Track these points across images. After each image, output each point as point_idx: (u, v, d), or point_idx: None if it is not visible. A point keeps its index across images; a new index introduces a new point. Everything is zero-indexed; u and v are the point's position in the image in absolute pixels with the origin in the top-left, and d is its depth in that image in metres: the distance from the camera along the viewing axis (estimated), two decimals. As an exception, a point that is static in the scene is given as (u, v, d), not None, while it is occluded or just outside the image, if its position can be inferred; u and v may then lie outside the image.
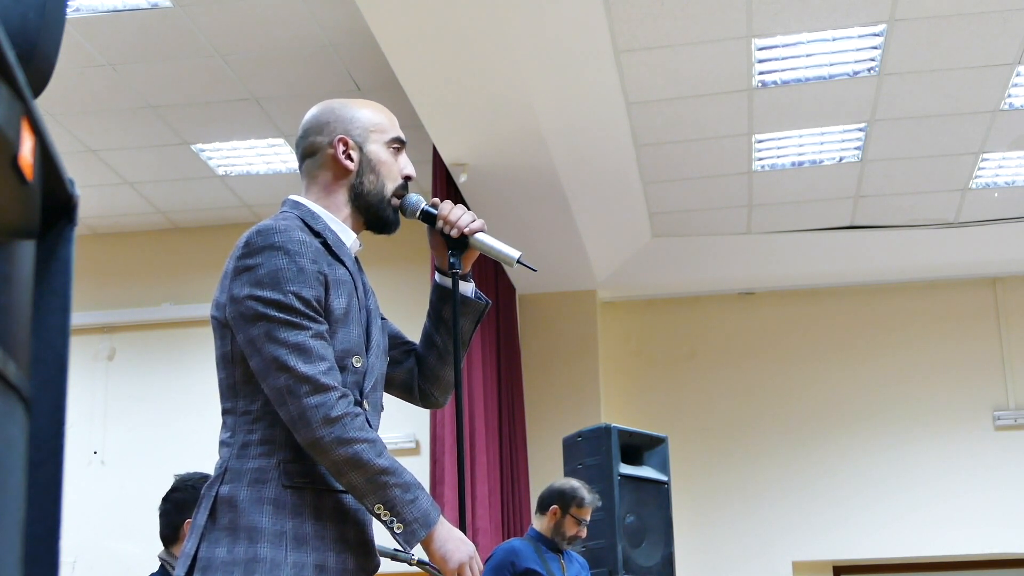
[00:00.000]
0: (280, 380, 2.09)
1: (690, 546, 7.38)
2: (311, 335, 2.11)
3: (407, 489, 2.12)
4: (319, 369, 2.09)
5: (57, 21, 0.92)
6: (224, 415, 2.25)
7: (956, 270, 7.95)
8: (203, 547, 2.09)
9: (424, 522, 2.12)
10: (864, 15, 5.46)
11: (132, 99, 6.28)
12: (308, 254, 2.18)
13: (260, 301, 2.12)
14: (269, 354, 2.10)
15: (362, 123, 2.35)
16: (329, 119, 2.36)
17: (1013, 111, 6.31)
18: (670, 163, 6.88)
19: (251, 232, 2.23)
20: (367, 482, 2.08)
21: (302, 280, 2.14)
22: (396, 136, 2.38)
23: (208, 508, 2.12)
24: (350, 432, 2.07)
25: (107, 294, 7.74)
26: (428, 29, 5.08)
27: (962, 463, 7.79)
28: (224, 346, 2.22)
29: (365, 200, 2.33)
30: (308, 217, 2.28)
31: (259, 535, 2.07)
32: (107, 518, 7.26)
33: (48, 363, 0.82)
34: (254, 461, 2.14)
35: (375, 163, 2.33)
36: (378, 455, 2.10)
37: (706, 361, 8.21)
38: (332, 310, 2.18)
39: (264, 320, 2.11)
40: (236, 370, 2.19)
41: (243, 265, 2.19)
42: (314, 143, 2.35)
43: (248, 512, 2.08)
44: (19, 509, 0.75)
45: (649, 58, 5.72)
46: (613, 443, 5.35)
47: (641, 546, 5.29)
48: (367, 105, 2.41)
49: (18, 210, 0.76)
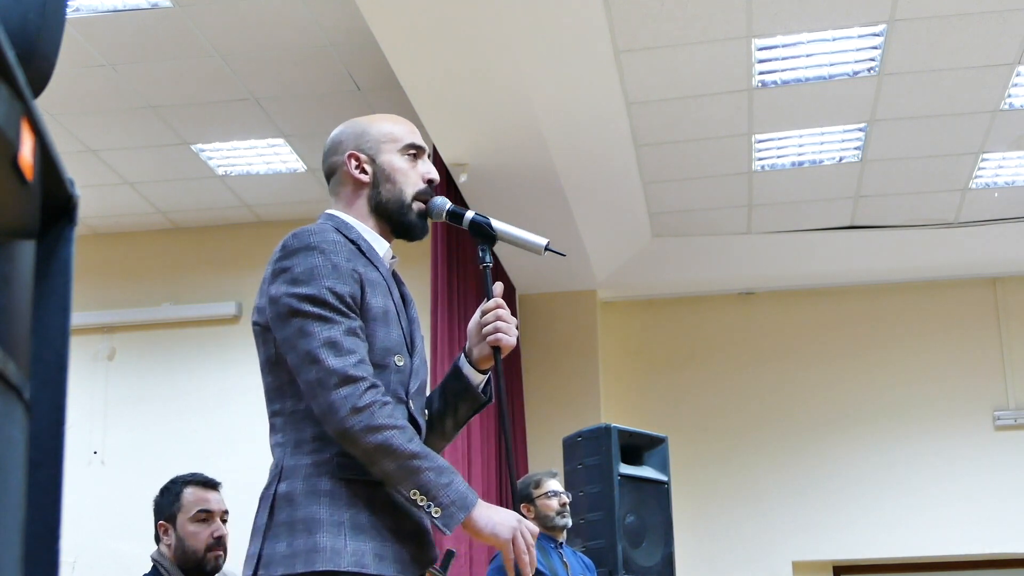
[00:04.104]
0: (311, 374, 2.11)
1: (690, 546, 7.38)
2: (342, 329, 2.14)
3: (441, 472, 2.11)
4: (349, 362, 2.11)
5: (57, 21, 0.92)
6: (273, 418, 2.27)
7: (956, 270, 7.95)
8: (265, 545, 2.11)
9: (462, 504, 2.11)
10: (864, 15, 5.46)
11: (132, 99, 6.28)
12: (343, 253, 2.22)
13: (295, 297, 2.16)
14: (302, 349, 2.13)
15: (373, 136, 2.40)
16: (342, 138, 2.43)
17: (1013, 111, 6.31)
18: (670, 163, 6.88)
19: (287, 237, 2.28)
20: (399, 468, 2.09)
21: (336, 276, 2.18)
22: (410, 143, 2.41)
23: (267, 508, 2.15)
24: (378, 419, 2.08)
25: (107, 294, 7.74)
26: (428, 29, 5.08)
27: (962, 463, 7.79)
28: (268, 350, 2.24)
29: (386, 208, 2.37)
30: (342, 227, 2.33)
31: (317, 526, 2.09)
32: (107, 518, 7.26)
33: (48, 363, 0.82)
34: (308, 457, 2.16)
35: (389, 172, 2.37)
36: (408, 440, 2.10)
37: (706, 361, 8.21)
38: (370, 307, 2.22)
39: (298, 316, 2.15)
40: (282, 372, 2.22)
41: (280, 267, 2.23)
42: (332, 163, 2.43)
43: (305, 505, 2.11)
44: (19, 509, 0.75)
45: (649, 58, 5.72)
46: (613, 443, 5.35)
47: (641, 546, 5.29)
48: (383, 119, 2.47)
49: (18, 210, 0.76)
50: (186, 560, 3.48)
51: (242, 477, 4.43)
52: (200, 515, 3.50)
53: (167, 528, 3.52)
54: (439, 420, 2.42)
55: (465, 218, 2.42)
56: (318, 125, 6.49)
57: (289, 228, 8.41)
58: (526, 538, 2.18)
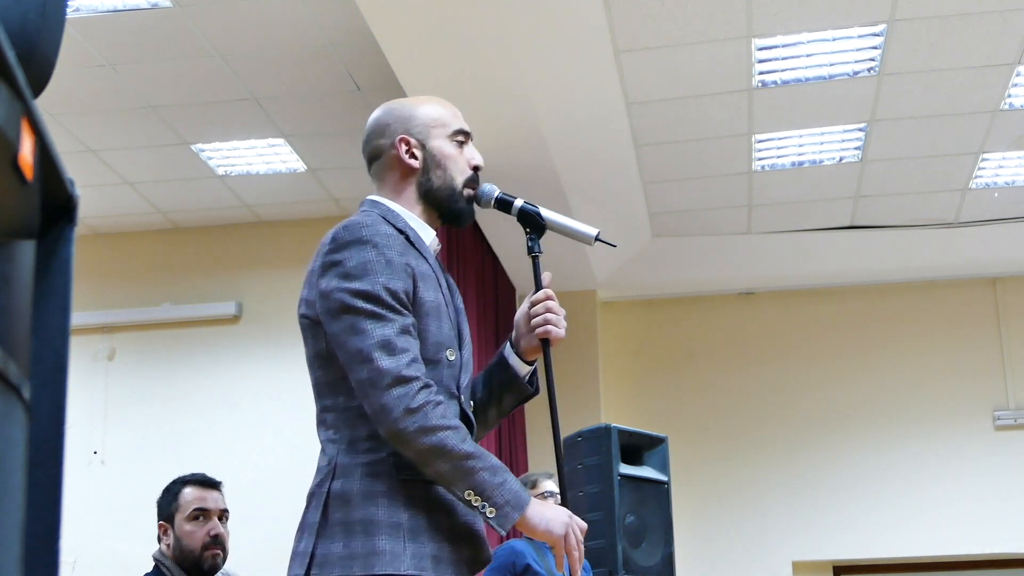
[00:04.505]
0: (363, 373, 2.08)
1: (690, 546, 7.38)
2: (396, 328, 2.11)
3: (495, 472, 2.10)
4: (402, 362, 2.08)
5: (57, 21, 0.92)
6: (324, 412, 2.22)
7: (956, 270, 7.95)
8: (319, 544, 2.09)
9: (516, 504, 2.10)
10: (864, 15, 5.46)
11: (132, 99, 6.28)
12: (395, 247, 2.18)
13: (348, 292, 2.12)
14: (353, 347, 2.10)
15: (422, 120, 2.36)
16: (389, 120, 2.37)
17: (1013, 111, 6.31)
18: (670, 163, 6.88)
19: (337, 228, 2.22)
20: (454, 469, 2.07)
21: (390, 272, 2.14)
22: (459, 128, 2.38)
23: (321, 505, 2.12)
24: (432, 420, 2.06)
25: (107, 294, 7.73)
26: (428, 29, 5.08)
27: (962, 463, 7.79)
28: (318, 345, 2.20)
29: (435, 196, 2.33)
30: (388, 215, 2.28)
31: (376, 528, 2.07)
32: (107, 518, 7.26)
33: (48, 363, 0.82)
34: (364, 456, 2.13)
35: (440, 158, 2.34)
36: (462, 441, 2.09)
37: (706, 361, 8.21)
38: (423, 302, 2.19)
39: (351, 312, 2.11)
40: (334, 367, 2.17)
41: (331, 260, 2.18)
42: (377, 146, 2.37)
43: (362, 506, 2.08)
44: (19, 509, 0.75)
45: (649, 58, 5.72)
46: (613, 443, 5.35)
47: (641, 546, 5.29)
48: (429, 101, 2.42)
49: (18, 210, 0.76)
50: (184, 559, 3.49)
51: (242, 477, 4.44)
52: (196, 514, 3.52)
53: (166, 528, 3.54)
54: (482, 410, 2.39)
55: (514, 206, 2.40)
56: (318, 125, 6.49)
57: (289, 228, 8.43)
58: (577, 535, 2.18)
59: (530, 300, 2.40)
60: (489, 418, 2.42)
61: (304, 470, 8.20)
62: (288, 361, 7.55)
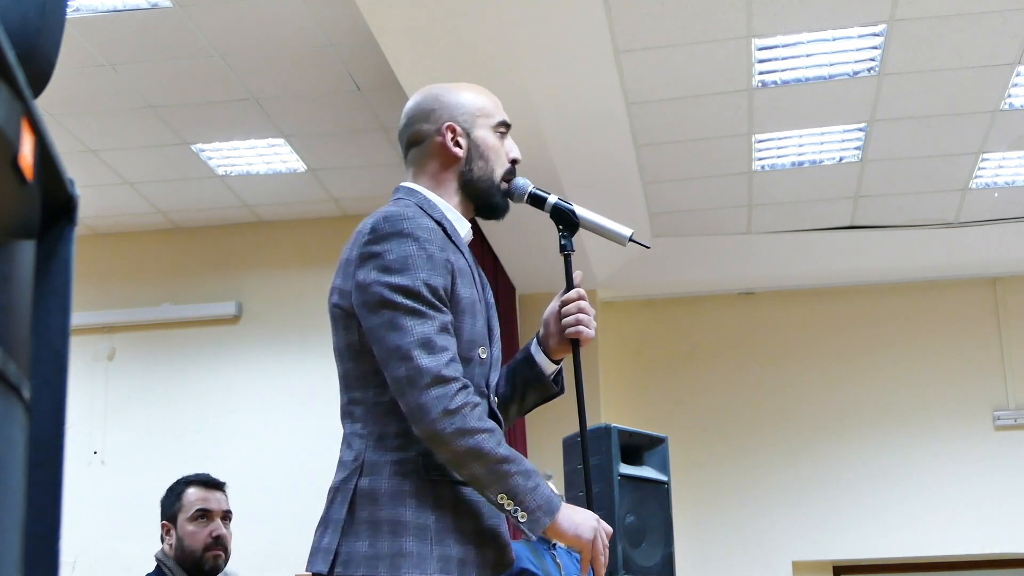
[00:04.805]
0: (401, 370, 2.04)
1: (690, 546, 7.38)
2: (436, 325, 2.06)
3: (528, 476, 2.08)
4: (441, 361, 2.03)
5: (57, 21, 0.92)
6: (352, 405, 2.17)
7: (956, 270, 7.95)
8: (344, 541, 2.05)
9: (548, 509, 2.09)
10: (864, 15, 5.46)
11: (132, 99, 6.28)
12: (436, 241, 2.13)
13: (388, 287, 2.07)
14: (392, 343, 2.05)
15: (468, 108, 2.32)
16: (434, 106, 2.32)
17: (1013, 111, 6.31)
18: (670, 163, 6.88)
19: (377, 218, 2.15)
20: (488, 472, 2.05)
21: (431, 267, 2.09)
22: (502, 120, 2.36)
23: (347, 502, 2.08)
24: (470, 423, 2.03)
25: (107, 294, 7.74)
26: (428, 29, 5.08)
27: (962, 463, 7.79)
28: (350, 336, 2.15)
29: (475, 187, 2.29)
30: (424, 204, 2.22)
31: (403, 529, 2.04)
32: (107, 518, 7.26)
33: (48, 363, 0.82)
34: (392, 454, 2.09)
35: (483, 148, 2.30)
36: (498, 444, 2.07)
37: (706, 361, 8.21)
38: (460, 299, 2.14)
39: (390, 307, 2.06)
40: (366, 360, 2.13)
41: (369, 252, 2.11)
42: (420, 131, 2.31)
43: (389, 505, 2.05)
44: (19, 509, 0.75)
45: (649, 58, 5.72)
46: (613, 443, 5.34)
47: (641, 546, 5.29)
48: (471, 88, 2.38)
49: (18, 210, 0.76)
50: (186, 559, 3.49)
51: (242, 477, 4.44)
52: (198, 515, 3.52)
53: (169, 528, 3.55)
54: (504, 406, 2.35)
55: (548, 202, 2.36)
56: (318, 125, 6.48)
57: (289, 228, 8.43)
58: (603, 538, 2.18)
59: (561, 299, 2.36)
60: (510, 414, 2.39)
61: (304, 470, 8.24)
62: (288, 361, 7.56)
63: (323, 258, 7.61)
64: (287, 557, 6.84)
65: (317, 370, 7.41)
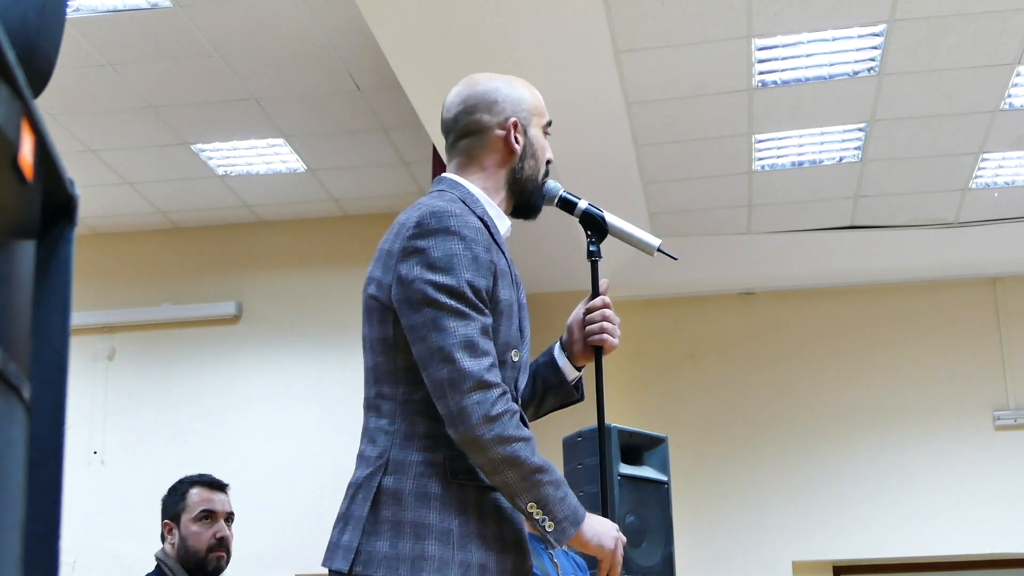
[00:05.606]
0: (443, 372, 2.00)
1: (690, 546, 7.38)
2: (479, 328, 2.03)
3: (558, 486, 2.08)
4: (483, 365, 2.01)
5: (57, 21, 0.92)
6: (379, 399, 2.12)
7: (956, 270, 7.95)
8: (364, 540, 2.02)
9: (574, 519, 2.09)
10: (864, 15, 5.46)
11: (132, 99, 6.28)
12: (482, 242, 2.09)
13: (432, 285, 2.02)
14: (434, 343, 2.01)
15: (528, 105, 2.29)
16: (497, 98, 2.28)
17: (1013, 111, 6.31)
18: (670, 163, 6.88)
19: (423, 213, 2.09)
20: (522, 480, 2.03)
21: (476, 268, 2.05)
22: (550, 119, 2.33)
23: (369, 499, 2.04)
24: (509, 430, 2.01)
25: (107, 294, 7.74)
26: (428, 29, 5.08)
27: (962, 463, 7.79)
28: (385, 329, 2.10)
29: (522, 186, 2.26)
30: (468, 199, 2.17)
31: (426, 532, 2.01)
32: (107, 518, 7.26)
33: (48, 363, 0.82)
34: (419, 454, 2.06)
35: (536, 148, 2.27)
36: (533, 453, 2.05)
37: (706, 361, 8.21)
38: (499, 301, 2.11)
39: (433, 306, 2.02)
40: (399, 356, 2.08)
41: (413, 247, 2.06)
42: (479, 122, 2.26)
43: (414, 507, 2.02)
44: (19, 509, 0.75)
45: (649, 58, 5.72)
46: (613, 443, 5.35)
47: (641, 546, 5.29)
48: (524, 84, 2.36)
49: (18, 210, 0.76)
50: (188, 560, 3.49)
51: (242, 477, 4.43)
52: (202, 515, 3.52)
53: (171, 527, 3.54)
54: (523, 407, 2.30)
55: (578, 207, 2.34)
56: (318, 125, 6.48)
57: (289, 228, 8.43)
58: (619, 548, 2.18)
59: (586, 305, 2.35)
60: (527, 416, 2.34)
61: (303, 469, 8.23)
62: (288, 361, 7.56)
63: (323, 258, 7.62)
64: (284, 556, 6.85)
65: (317, 370, 7.42)
